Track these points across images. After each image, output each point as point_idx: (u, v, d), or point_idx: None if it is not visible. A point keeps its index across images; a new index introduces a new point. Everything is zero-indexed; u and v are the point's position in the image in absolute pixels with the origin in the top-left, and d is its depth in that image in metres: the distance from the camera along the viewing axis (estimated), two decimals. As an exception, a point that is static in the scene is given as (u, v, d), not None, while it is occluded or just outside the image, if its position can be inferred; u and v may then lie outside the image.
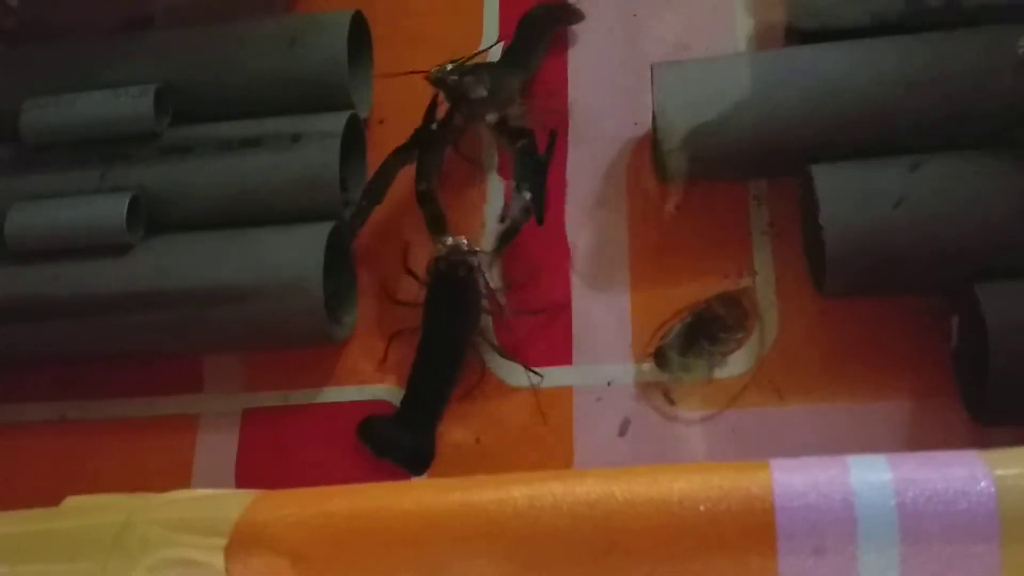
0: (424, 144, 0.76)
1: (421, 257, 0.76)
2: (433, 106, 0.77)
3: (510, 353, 0.73)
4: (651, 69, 0.73)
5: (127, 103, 0.77)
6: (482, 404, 0.73)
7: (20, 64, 0.83)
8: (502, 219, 0.74)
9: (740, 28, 0.78)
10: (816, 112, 0.69)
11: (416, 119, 0.78)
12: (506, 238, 0.73)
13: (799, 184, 0.71)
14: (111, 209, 0.74)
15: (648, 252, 0.75)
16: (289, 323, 0.73)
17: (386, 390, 0.75)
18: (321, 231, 0.73)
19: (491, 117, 0.74)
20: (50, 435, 0.78)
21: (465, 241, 0.73)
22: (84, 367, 0.80)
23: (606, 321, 0.74)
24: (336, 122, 0.76)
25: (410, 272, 0.76)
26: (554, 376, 0.73)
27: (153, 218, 0.76)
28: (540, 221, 0.73)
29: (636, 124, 0.77)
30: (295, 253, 0.73)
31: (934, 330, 0.68)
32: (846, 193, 0.67)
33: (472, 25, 0.82)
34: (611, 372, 0.73)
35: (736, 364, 0.71)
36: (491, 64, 0.79)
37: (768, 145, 0.71)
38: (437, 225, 0.74)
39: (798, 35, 0.73)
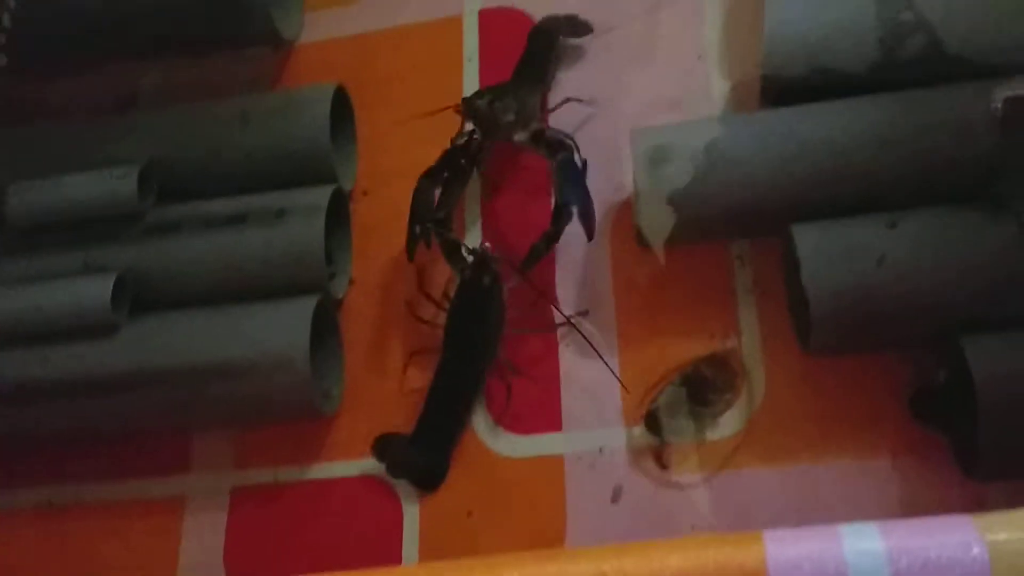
0: (452, 171, 0.76)
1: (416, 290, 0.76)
2: (461, 133, 0.77)
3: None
4: (630, 135, 0.73)
5: (112, 184, 0.77)
6: (473, 474, 0.73)
7: (4, 147, 0.84)
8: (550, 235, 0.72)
9: (716, 90, 0.79)
10: (794, 172, 0.70)
11: (399, 189, 0.78)
12: (536, 256, 0.72)
13: (781, 243, 0.71)
14: (96, 291, 0.74)
15: (634, 315, 0.75)
16: (277, 398, 0.73)
17: (375, 464, 0.74)
18: (307, 305, 0.73)
19: (520, 136, 0.75)
20: (38, 521, 0.77)
21: (489, 246, 0.74)
22: (71, 450, 0.79)
23: (595, 386, 0.73)
24: (320, 196, 0.77)
25: (427, 295, 0.76)
26: (545, 444, 0.72)
27: (139, 297, 0.76)
28: (590, 236, 0.72)
29: (618, 189, 0.77)
30: (282, 328, 0.73)
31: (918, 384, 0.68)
32: (827, 252, 0.68)
33: (453, 86, 0.83)
34: (602, 438, 0.72)
35: (726, 425, 0.70)
36: (514, 83, 0.79)
37: (748, 206, 0.71)
38: (454, 251, 0.75)
39: (773, 96, 0.74)
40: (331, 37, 0.87)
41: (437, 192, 0.76)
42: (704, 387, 0.71)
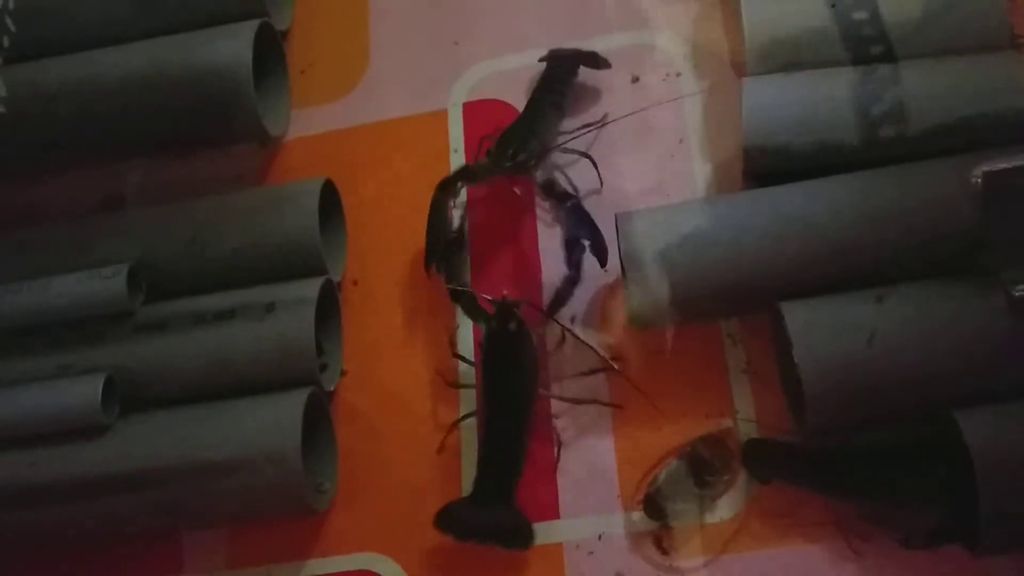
0: (449, 245, 0.78)
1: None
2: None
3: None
4: (615, 218, 0.74)
5: (100, 284, 0.77)
6: (471, 566, 0.71)
7: (-6, 251, 0.84)
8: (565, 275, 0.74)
9: (698, 173, 0.79)
10: (780, 251, 0.70)
11: (389, 278, 0.79)
12: (560, 301, 0.74)
13: (770, 321, 0.71)
14: (85, 392, 0.73)
15: (629, 397, 0.73)
16: (269, 495, 0.72)
17: (371, 558, 0.73)
18: (298, 399, 0.72)
19: (540, 176, 0.78)
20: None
21: (507, 295, 0.73)
22: (63, 554, 0.77)
23: (592, 470, 0.72)
24: (310, 288, 0.77)
25: (459, 356, 0.76)
26: (543, 532, 0.71)
27: (128, 397, 0.75)
28: (604, 263, 0.74)
29: (606, 271, 0.77)
30: (273, 424, 0.72)
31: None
32: (818, 329, 0.68)
33: (440, 178, 0.82)
34: (601, 524, 0.71)
35: (725, 507, 0.69)
36: (534, 115, 0.81)
37: (736, 285, 0.71)
38: (477, 311, 0.75)
39: (757, 176, 0.74)
40: (318, 132, 0.88)
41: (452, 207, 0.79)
42: (703, 469, 0.70)
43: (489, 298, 0.74)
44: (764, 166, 0.74)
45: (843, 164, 0.72)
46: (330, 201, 0.83)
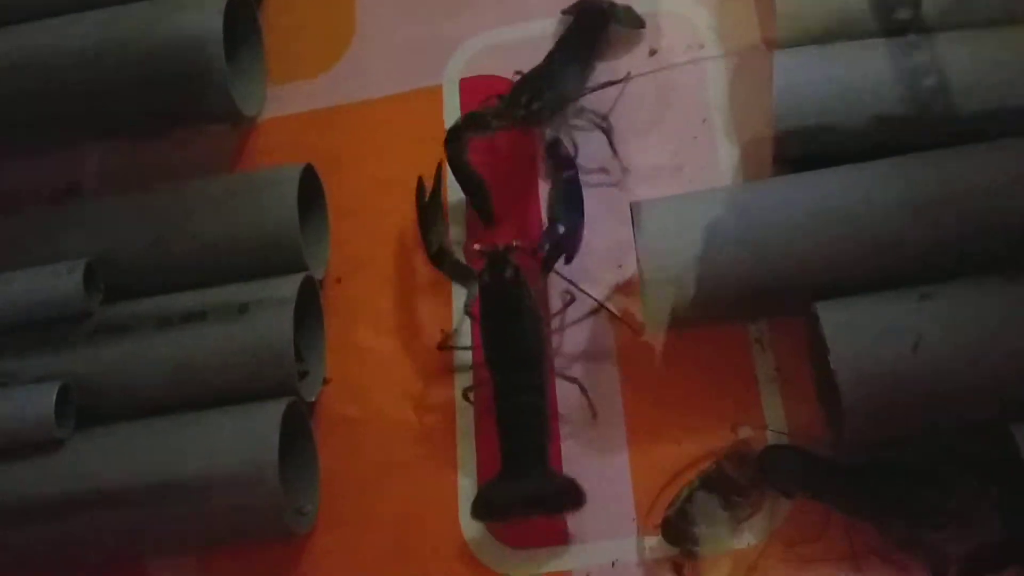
0: (428, 203, 0.76)
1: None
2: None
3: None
4: (630, 208, 0.69)
5: (54, 282, 0.73)
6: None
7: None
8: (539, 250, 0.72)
9: (724, 158, 0.75)
10: (814, 244, 0.66)
11: (377, 275, 0.76)
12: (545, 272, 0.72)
13: (804, 323, 0.67)
14: (37, 402, 0.69)
15: (645, 407, 0.70)
16: (244, 518, 0.68)
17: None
18: (275, 411, 0.68)
19: (549, 133, 0.76)
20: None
21: (499, 246, 0.71)
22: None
23: (605, 489, 0.68)
24: (288, 287, 0.72)
25: (449, 347, 0.74)
26: (551, 559, 0.67)
27: (86, 408, 0.71)
28: (569, 259, 0.72)
29: (620, 266, 0.73)
30: (247, 439, 0.68)
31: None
32: (857, 333, 0.64)
33: (433, 162, 0.78)
34: (615, 550, 0.66)
35: (753, 530, 0.65)
36: (558, 65, 0.78)
37: (765, 283, 0.67)
38: (465, 274, 0.73)
39: (788, 161, 0.70)
40: (297, 112, 0.84)
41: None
42: (728, 488, 0.65)
43: (479, 247, 0.71)
44: (797, 150, 0.70)
45: (885, 147, 0.68)
46: (311, 189, 0.78)
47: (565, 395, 0.71)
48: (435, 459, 0.72)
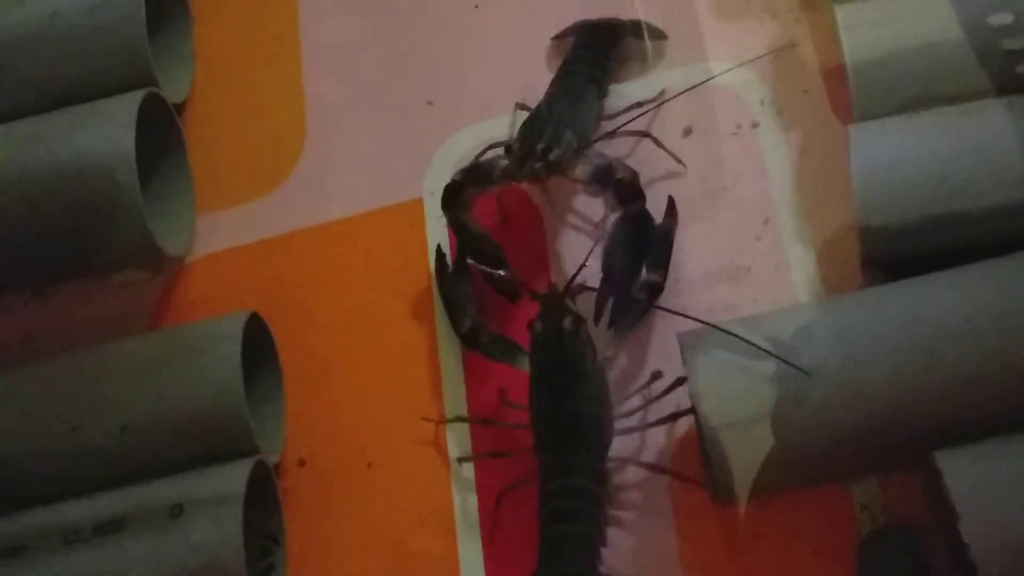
0: (453, 281, 0.73)
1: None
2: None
3: None
4: (678, 339, 0.63)
5: None
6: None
7: None
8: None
9: (795, 263, 0.70)
10: (927, 375, 0.61)
11: (352, 453, 0.71)
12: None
13: (923, 479, 0.61)
14: None
15: None
16: None
17: None
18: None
19: (582, 171, 0.71)
20: None
21: (558, 285, 0.65)
22: None
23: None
24: (235, 477, 0.65)
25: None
26: None
27: None
28: (621, 331, 0.68)
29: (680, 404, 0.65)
30: None
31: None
32: (992, 491, 0.59)
33: (416, 287, 0.76)
34: None
35: None
36: (567, 98, 0.75)
37: (867, 431, 0.61)
38: (509, 351, 0.69)
39: (880, 265, 0.66)
40: (236, 244, 0.78)
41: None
42: None
43: (531, 294, 0.66)
44: (890, 250, 0.65)
45: (1005, 243, 0.63)
46: (258, 344, 0.71)
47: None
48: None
